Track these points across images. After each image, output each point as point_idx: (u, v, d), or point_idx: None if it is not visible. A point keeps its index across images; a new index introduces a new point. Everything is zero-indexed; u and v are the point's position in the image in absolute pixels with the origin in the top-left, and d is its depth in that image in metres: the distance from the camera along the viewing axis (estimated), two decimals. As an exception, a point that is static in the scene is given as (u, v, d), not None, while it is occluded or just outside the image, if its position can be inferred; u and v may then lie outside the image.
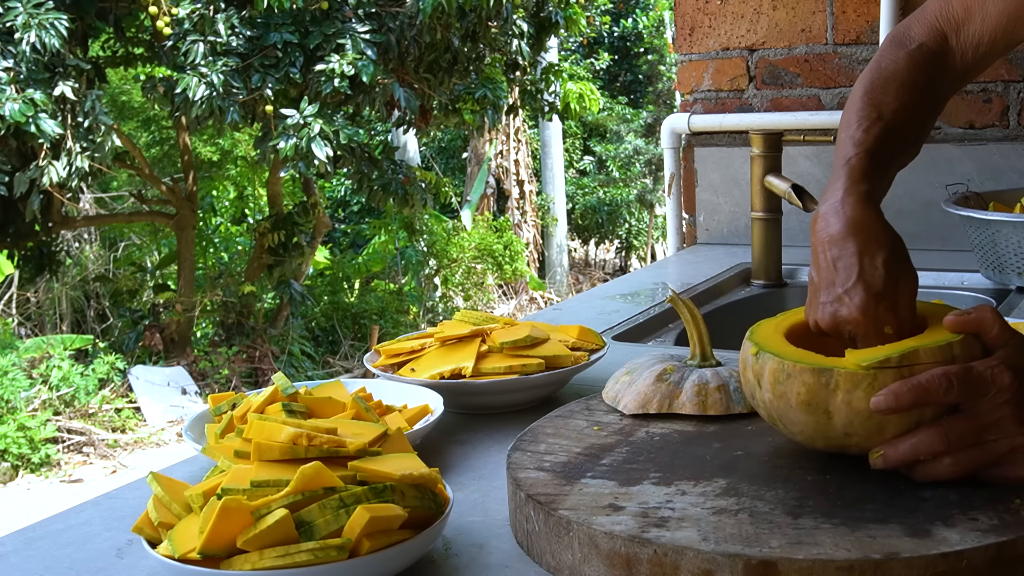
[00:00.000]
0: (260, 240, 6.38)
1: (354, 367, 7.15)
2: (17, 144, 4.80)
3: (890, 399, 0.78)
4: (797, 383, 0.82)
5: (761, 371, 0.86)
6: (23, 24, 4.49)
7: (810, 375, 0.82)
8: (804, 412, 0.83)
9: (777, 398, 0.84)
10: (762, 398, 0.87)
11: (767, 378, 0.85)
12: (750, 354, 0.88)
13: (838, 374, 0.81)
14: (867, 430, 0.81)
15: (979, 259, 1.86)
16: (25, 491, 5.12)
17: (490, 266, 8.79)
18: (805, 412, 0.82)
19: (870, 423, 0.80)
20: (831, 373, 0.81)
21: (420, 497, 0.78)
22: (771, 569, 0.69)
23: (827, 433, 0.83)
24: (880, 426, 0.80)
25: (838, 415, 0.81)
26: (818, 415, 0.82)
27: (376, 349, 1.28)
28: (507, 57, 5.99)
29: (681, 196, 2.51)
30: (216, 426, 0.98)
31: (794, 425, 0.85)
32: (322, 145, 4.95)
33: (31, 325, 7.44)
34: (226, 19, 4.94)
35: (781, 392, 0.84)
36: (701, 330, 1.05)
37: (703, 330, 1.05)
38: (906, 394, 0.78)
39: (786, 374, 0.83)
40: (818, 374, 0.81)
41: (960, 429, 0.79)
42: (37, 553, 0.89)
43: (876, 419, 0.80)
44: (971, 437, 0.79)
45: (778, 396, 0.84)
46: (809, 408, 0.82)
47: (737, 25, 2.37)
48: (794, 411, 0.83)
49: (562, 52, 10.83)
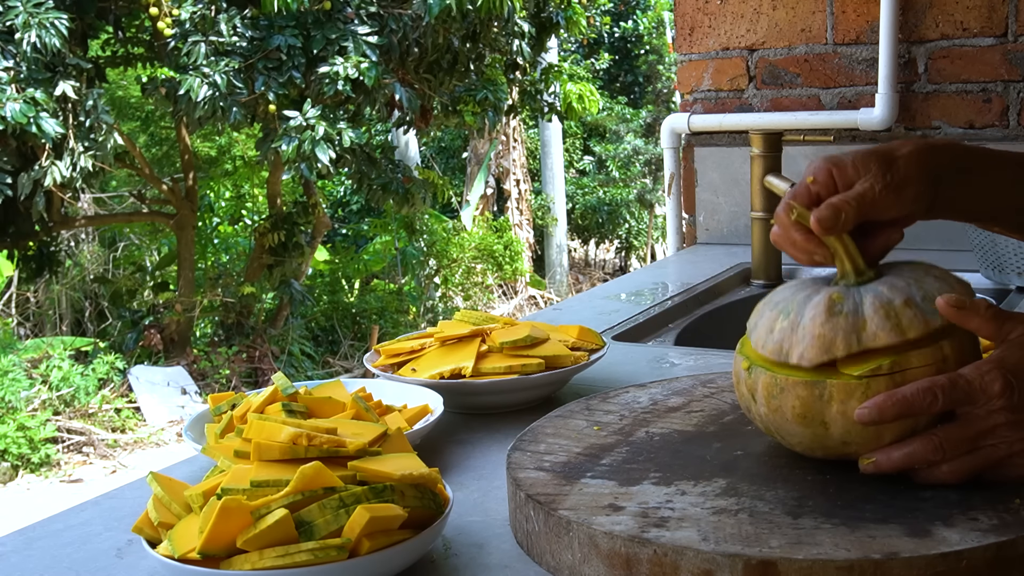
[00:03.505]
0: (260, 240, 6.38)
1: (354, 367, 7.15)
2: (18, 144, 4.80)
3: (874, 412, 0.78)
4: (791, 396, 0.82)
5: (755, 386, 0.85)
6: (23, 23, 4.49)
7: (803, 388, 0.81)
8: (800, 425, 0.82)
9: (773, 412, 0.84)
10: (758, 412, 0.86)
11: (761, 392, 0.84)
12: (742, 368, 0.87)
13: (831, 385, 0.80)
14: (865, 438, 0.80)
15: (979, 259, 1.86)
16: (25, 491, 5.12)
17: (490, 266, 8.79)
18: (801, 424, 0.82)
19: (867, 431, 0.80)
20: (824, 385, 0.80)
21: (420, 497, 0.78)
22: (771, 569, 0.69)
23: (825, 443, 0.82)
24: (878, 433, 0.80)
25: (835, 425, 0.80)
26: (815, 427, 0.81)
27: (376, 349, 1.28)
28: (507, 57, 6.00)
29: (681, 196, 2.51)
30: (216, 426, 0.98)
31: (792, 437, 0.84)
32: (326, 148, 4.95)
33: (31, 325, 7.44)
34: (228, 19, 4.93)
35: (776, 406, 0.83)
36: (846, 240, 0.85)
37: (848, 240, 0.85)
38: (890, 408, 0.78)
39: (779, 388, 0.82)
40: (811, 387, 0.81)
41: (955, 437, 0.78)
42: (37, 553, 0.89)
43: (873, 427, 0.79)
44: (966, 444, 0.78)
45: (773, 410, 0.84)
46: (805, 421, 0.81)
47: (737, 25, 2.37)
48: (791, 424, 0.83)
49: (562, 52, 10.82)
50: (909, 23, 2.18)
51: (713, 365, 1.38)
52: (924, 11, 2.17)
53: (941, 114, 2.19)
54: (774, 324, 0.85)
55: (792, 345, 0.82)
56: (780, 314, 0.85)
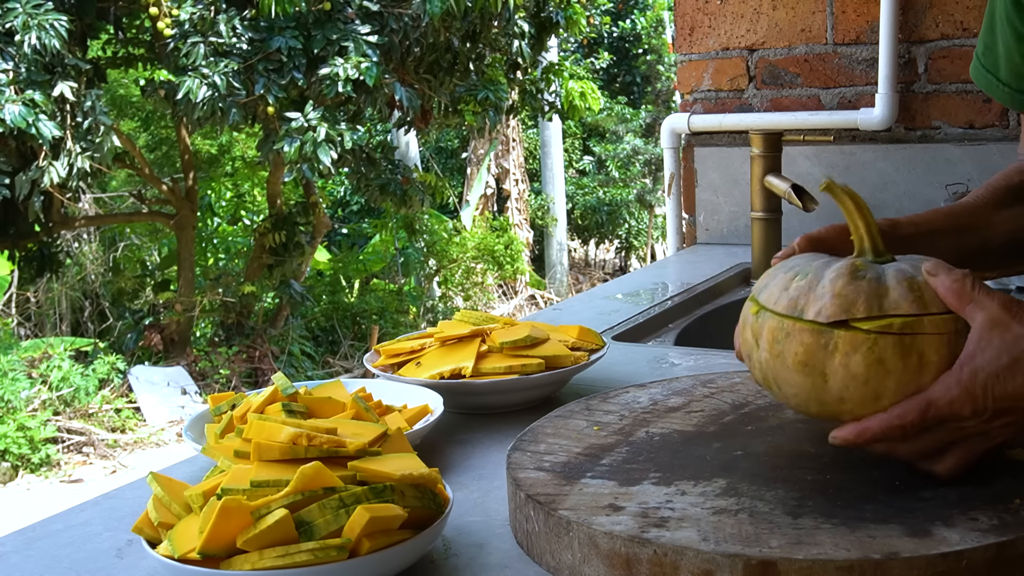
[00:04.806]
0: (260, 240, 6.38)
1: (354, 367, 7.15)
2: (16, 144, 4.81)
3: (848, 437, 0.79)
4: (795, 342, 0.81)
5: (760, 330, 0.84)
6: (23, 25, 4.49)
7: (809, 335, 0.80)
8: (800, 373, 0.81)
9: (774, 357, 0.83)
10: (759, 358, 0.85)
11: (765, 336, 0.83)
12: (751, 313, 0.86)
13: (838, 336, 0.79)
14: (862, 396, 0.79)
15: (979, 259, 1.86)
16: (25, 491, 5.12)
17: (490, 266, 8.79)
18: (801, 373, 0.81)
19: (866, 389, 0.79)
20: (831, 334, 0.79)
21: (420, 497, 0.78)
22: (771, 569, 0.69)
23: (821, 397, 0.81)
24: (876, 394, 0.79)
25: (834, 378, 0.80)
26: (814, 377, 0.80)
27: (376, 349, 1.28)
28: (507, 57, 6.00)
29: (681, 196, 2.51)
30: (216, 426, 0.98)
31: (789, 387, 0.83)
32: (328, 150, 4.95)
33: (31, 325, 7.44)
34: (227, 20, 4.93)
35: (778, 351, 0.82)
36: (869, 220, 0.86)
37: (871, 220, 0.87)
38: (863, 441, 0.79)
39: (785, 333, 0.82)
40: (817, 334, 0.80)
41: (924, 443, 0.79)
42: (37, 553, 0.89)
43: (872, 386, 0.78)
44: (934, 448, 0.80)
45: (775, 355, 0.83)
46: (805, 369, 0.81)
47: (737, 25, 2.37)
48: (790, 371, 0.82)
49: (561, 52, 10.83)
50: (909, 23, 2.18)
51: (713, 365, 1.38)
52: (924, 11, 2.17)
53: (941, 114, 2.19)
54: (789, 283, 0.84)
55: (809, 302, 0.81)
56: (797, 275, 0.84)
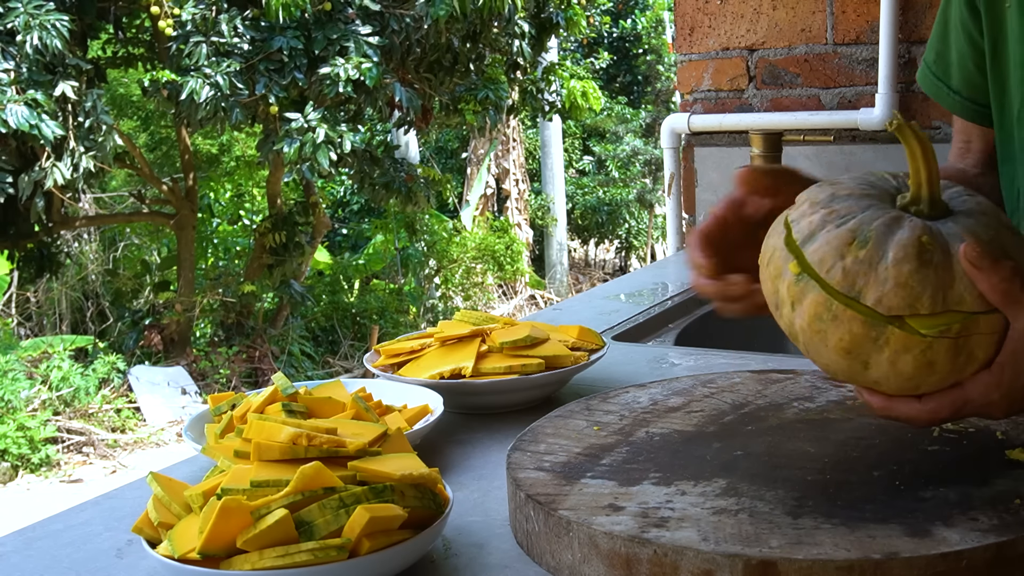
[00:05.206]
0: (260, 240, 6.38)
1: (354, 367, 7.15)
2: (18, 144, 4.81)
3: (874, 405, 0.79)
4: (843, 329, 0.75)
5: (800, 296, 0.77)
6: (24, 25, 4.49)
7: (860, 325, 0.74)
8: (840, 356, 0.76)
9: (814, 333, 0.76)
10: (790, 319, 0.78)
11: (807, 309, 0.76)
12: (790, 270, 0.77)
13: (892, 333, 0.74)
14: (901, 387, 0.77)
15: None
16: (25, 491, 5.12)
17: (490, 266, 8.79)
18: (841, 356, 0.76)
19: (908, 384, 0.76)
20: (884, 330, 0.74)
21: (420, 497, 0.78)
22: (771, 569, 0.69)
23: (855, 377, 0.78)
24: (916, 386, 0.76)
25: (876, 369, 0.76)
26: (854, 362, 0.76)
27: (376, 349, 1.28)
28: (508, 57, 6.00)
29: (681, 196, 2.51)
30: (216, 426, 0.98)
31: (821, 359, 0.78)
32: (327, 152, 4.95)
33: (31, 325, 7.44)
34: (228, 20, 4.94)
35: (819, 329, 0.76)
36: (932, 168, 0.77)
37: (935, 169, 0.78)
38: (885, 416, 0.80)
39: (832, 315, 0.75)
40: (869, 327, 0.74)
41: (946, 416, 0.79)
42: (37, 553, 0.89)
43: (915, 382, 0.75)
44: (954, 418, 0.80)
45: (815, 332, 0.76)
46: (848, 356, 0.76)
47: (737, 25, 2.37)
48: (829, 351, 0.77)
49: (561, 52, 10.83)
50: (909, 23, 2.18)
51: (713, 365, 1.38)
52: (924, 11, 2.17)
53: (941, 114, 2.19)
54: (846, 249, 0.75)
55: (869, 285, 0.74)
56: (856, 239, 0.75)
